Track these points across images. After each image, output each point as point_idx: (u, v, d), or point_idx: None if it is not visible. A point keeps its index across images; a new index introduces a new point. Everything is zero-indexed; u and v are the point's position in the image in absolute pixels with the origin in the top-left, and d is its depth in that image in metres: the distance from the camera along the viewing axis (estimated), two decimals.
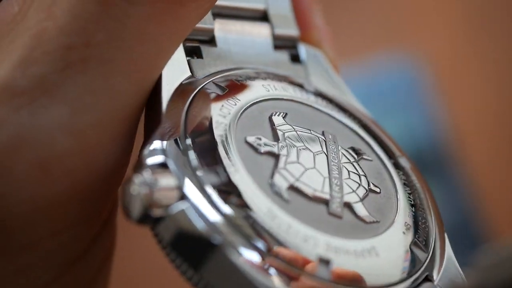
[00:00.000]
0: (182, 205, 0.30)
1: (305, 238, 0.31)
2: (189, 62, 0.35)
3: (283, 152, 0.33)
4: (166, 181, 0.30)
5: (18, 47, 0.30)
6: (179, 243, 0.30)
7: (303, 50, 0.39)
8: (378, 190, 0.35)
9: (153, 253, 0.33)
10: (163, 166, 0.31)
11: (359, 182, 0.34)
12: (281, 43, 0.39)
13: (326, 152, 0.35)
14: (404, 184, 0.36)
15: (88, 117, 0.30)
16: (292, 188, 0.32)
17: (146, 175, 0.30)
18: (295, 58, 0.39)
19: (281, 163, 0.33)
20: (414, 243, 0.34)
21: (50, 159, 0.29)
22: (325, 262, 0.31)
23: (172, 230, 0.30)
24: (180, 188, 0.30)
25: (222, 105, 0.34)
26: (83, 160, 0.30)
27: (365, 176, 0.35)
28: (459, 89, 0.92)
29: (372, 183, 0.35)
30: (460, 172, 0.90)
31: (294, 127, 0.35)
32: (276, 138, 0.34)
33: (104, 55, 0.29)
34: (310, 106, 0.36)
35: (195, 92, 0.34)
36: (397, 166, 0.37)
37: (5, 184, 0.29)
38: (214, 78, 0.35)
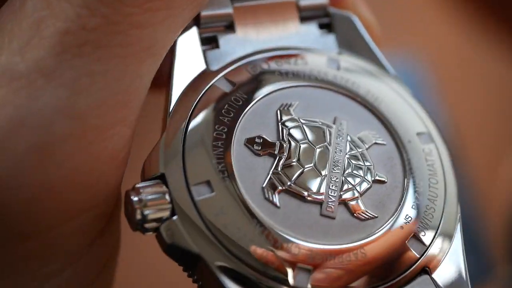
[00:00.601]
0: (173, 218, 0.32)
1: (288, 247, 0.32)
2: (204, 53, 0.35)
3: (282, 152, 0.34)
4: (160, 196, 0.32)
5: (17, 35, 0.31)
6: (172, 251, 0.32)
7: (333, 17, 0.38)
8: (384, 179, 0.35)
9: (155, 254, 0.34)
10: (161, 177, 0.32)
11: (362, 175, 0.34)
12: (309, 14, 0.37)
13: (331, 145, 0.34)
14: (418, 167, 0.35)
15: (87, 100, 0.30)
16: (285, 192, 0.33)
17: (142, 190, 0.32)
18: (326, 27, 0.38)
19: (277, 166, 0.33)
20: (413, 236, 0.33)
21: (50, 141, 0.30)
22: (304, 270, 0.32)
23: (164, 240, 0.32)
24: (171, 202, 0.32)
25: (226, 106, 0.34)
26: (84, 144, 0.31)
27: (372, 167, 0.35)
28: (460, 89, 0.92)
29: (378, 173, 0.35)
30: (460, 172, 0.90)
31: (301, 119, 0.35)
32: (278, 136, 0.34)
33: (99, 39, 0.30)
34: (327, 88, 0.36)
35: (201, 94, 0.34)
36: (415, 146, 0.36)
37: (4, 167, 0.30)
38: (227, 70, 0.35)
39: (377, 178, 0.34)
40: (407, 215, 0.34)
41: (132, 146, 0.33)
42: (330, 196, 0.33)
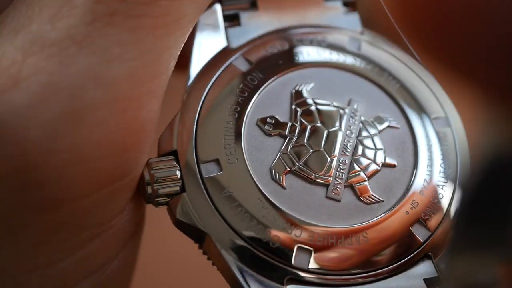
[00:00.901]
0: (183, 194, 0.33)
1: (291, 227, 0.32)
2: (226, 31, 0.36)
3: (293, 133, 0.34)
4: (171, 172, 0.33)
5: (47, 5, 0.31)
6: (181, 225, 0.33)
7: None
8: (394, 163, 0.34)
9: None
10: (174, 153, 0.33)
11: (372, 158, 0.34)
12: None
13: (343, 127, 0.34)
14: (430, 152, 0.35)
15: (118, 69, 0.31)
16: (292, 173, 0.33)
17: (154, 166, 0.33)
18: (351, 5, 0.37)
19: (287, 147, 0.34)
20: (418, 221, 0.33)
21: (81, 108, 0.31)
22: (306, 251, 0.32)
23: (174, 215, 0.33)
24: (181, 179, 0.33)
25: (241, 85, 0.35)
26: (115, 112, 0.31)
27: (383, 150, 0.35)
28: (459, 90, 0.92)
29: (389, 157, 0.35)
30: None
31: (315, 101, 0.35)
32: (290, 117, 0.34)
33: (129, 9, 0.31)
34: (345, 69, 0.36)
35: (218, 73, 0.35)
36: (429, 131, 0.35)
37: (37, 132, 0.30)
38: (246, 49, 0.35)
39: (387, 162, 0.34)
40: (413, 200, 0.34)
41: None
42: (337, 179, 0.34)
